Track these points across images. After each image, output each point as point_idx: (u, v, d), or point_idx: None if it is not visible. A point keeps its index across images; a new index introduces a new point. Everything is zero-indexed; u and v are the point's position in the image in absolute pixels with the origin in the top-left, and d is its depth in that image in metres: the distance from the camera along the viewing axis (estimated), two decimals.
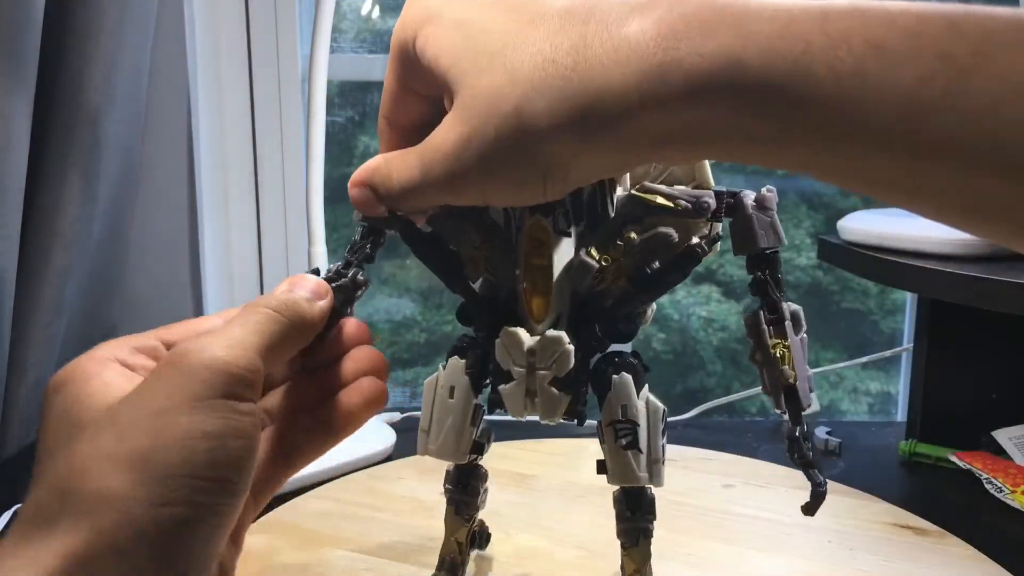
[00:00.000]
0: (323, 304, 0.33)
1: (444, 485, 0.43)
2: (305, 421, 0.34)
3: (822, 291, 1.54)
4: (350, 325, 0.35)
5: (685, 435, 0.78)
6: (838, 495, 0.63)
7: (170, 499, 0.25)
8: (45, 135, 0.73)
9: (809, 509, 0.36)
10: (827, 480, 0.36)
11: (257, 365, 0.28)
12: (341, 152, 1.25)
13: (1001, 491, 0.65)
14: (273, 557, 0.53)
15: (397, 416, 0.80)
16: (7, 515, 0.60)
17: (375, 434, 0.72)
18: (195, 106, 0.90)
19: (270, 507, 0.60)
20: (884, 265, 0.67)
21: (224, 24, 0.94)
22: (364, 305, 1.46)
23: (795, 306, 0.36)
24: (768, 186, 0.35)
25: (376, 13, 1.27)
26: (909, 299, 1.15)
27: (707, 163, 0.37)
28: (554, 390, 0.35)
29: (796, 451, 0.35)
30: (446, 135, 0.29)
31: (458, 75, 0.29)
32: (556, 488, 0.64)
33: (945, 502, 0.65)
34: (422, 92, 0.33)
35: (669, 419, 0.86)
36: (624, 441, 0.37)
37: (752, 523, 0.58)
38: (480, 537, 0.47)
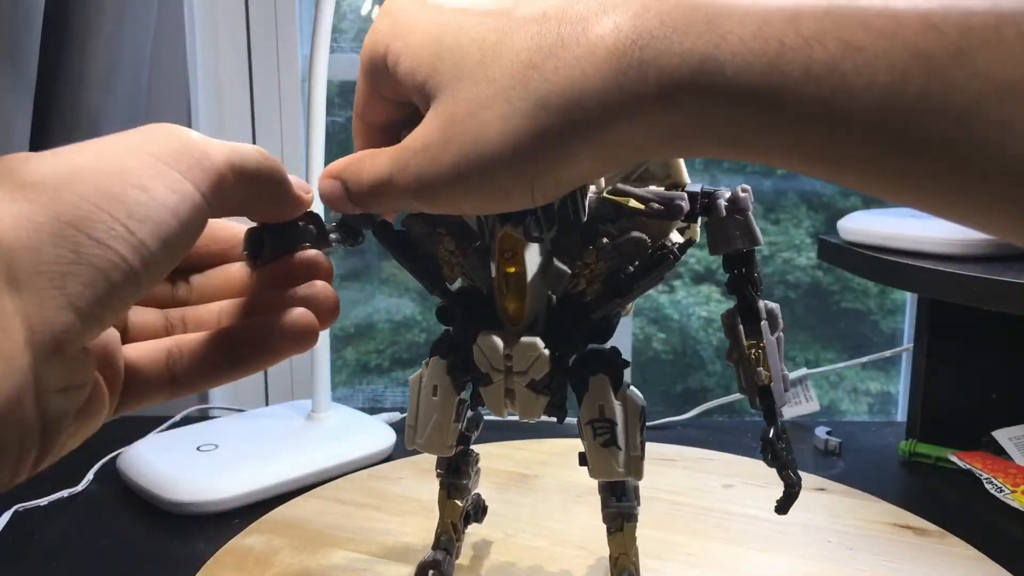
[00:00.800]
0: (303, 195, 0.32)
1: (436, 469, 0.44)
2: (239, 331, 0.32)
3: (822, 291, 1.54)
4: (319, 256, 0.34)
5: (685, 435, 0.78)
6: (838, 495, 0.63)
7: (98, 225, 0.24)
8: (45, 135, 0.73)
9: (781, 507, 0.36)
10: (801, 478, 0.36)
11: (224, 166, 0.28)
12: (341, 152, 1.25)
13: (1001, 491, 0.65)
14: (273, 557, 0.53)
15: (397, 416, 0.80)
16: (7, 515, 0.60)
17: (375, 434, 0.72)
18: (195, 106, 0.90)
19: (270, 507, 0.60)
20: (884, 265, 0.67)
21: (224, 24, 0.94)
22: (364, 305, 1.46)
23: (772, 304, 0.36)
24: (743, 185, 0.34)
25: (376, 13, 1.27)
26: (909, 299, 1.15)
27: (681, 160, 0.36)
28: (531, 392, 0.36)
29: (770, 452, 0.35)
30: (422, 139, 0.29)
31: (436, 87, 0.29)
32: (556, 488, 0.64)
33: (945, 502, 0.65)
34: (394, 99, 0.33)
35: (669, 419, 0.86)
36: (602, 439, 0.37)
37: (752, 523, 0.58)
38: (476, 512, 0.48)
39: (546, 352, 0.35)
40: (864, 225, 0.72)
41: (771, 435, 0.35)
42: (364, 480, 0.65)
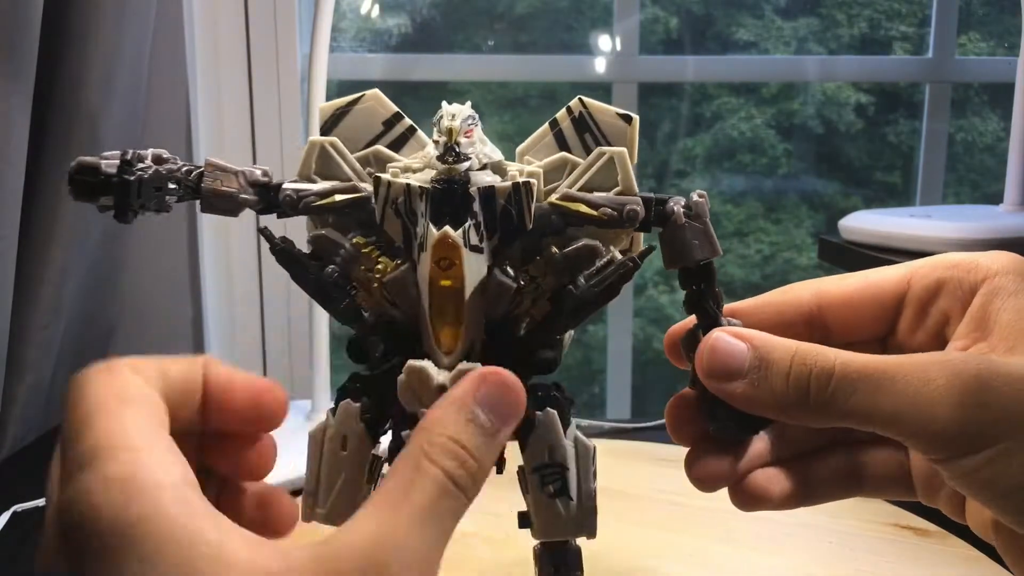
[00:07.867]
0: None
1: None
2: None
3: None
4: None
5: None
6: None
7: None
8: (44, 135, 0.73)
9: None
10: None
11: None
12: None
13: None
14: None
15: None
16: (7, 515, 0.60)
17: None
18: (195, 106, 0.90)
19: None
20: (885, 265, 0.67)
21: (224, 24, 0.94)
22: None
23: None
24: (700, 191, 0.31)
25: (376, 12, 1.27)
26: None
27: (631, 166, 0.32)
28: None
29: None
30: None
31: None
32: None
33: None
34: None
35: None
36: (552, 488, 0.32)
37: (752, 523, 0.58)
38: None
39: None
40: (865, 225, 0.72)
41: None
42: None
